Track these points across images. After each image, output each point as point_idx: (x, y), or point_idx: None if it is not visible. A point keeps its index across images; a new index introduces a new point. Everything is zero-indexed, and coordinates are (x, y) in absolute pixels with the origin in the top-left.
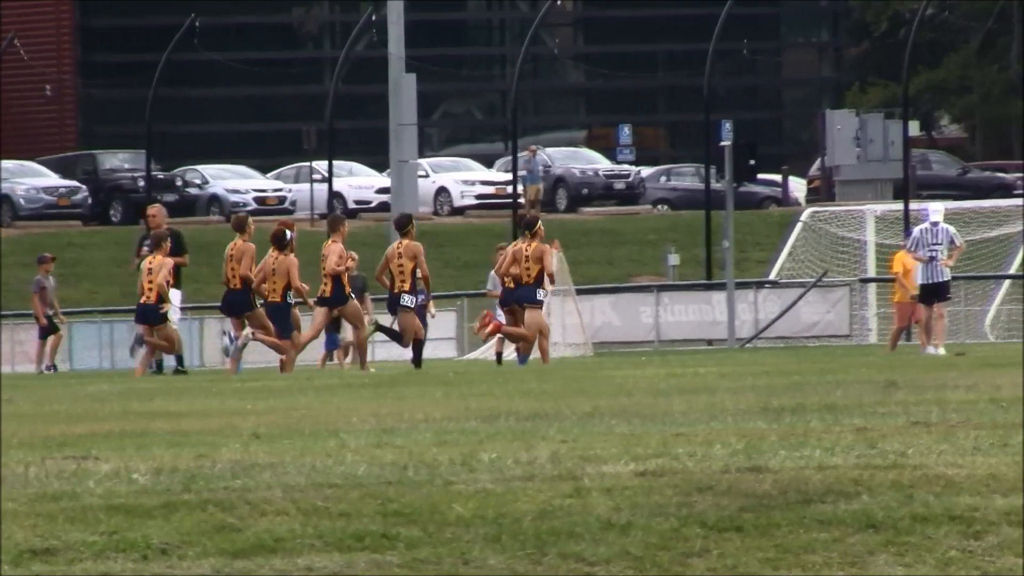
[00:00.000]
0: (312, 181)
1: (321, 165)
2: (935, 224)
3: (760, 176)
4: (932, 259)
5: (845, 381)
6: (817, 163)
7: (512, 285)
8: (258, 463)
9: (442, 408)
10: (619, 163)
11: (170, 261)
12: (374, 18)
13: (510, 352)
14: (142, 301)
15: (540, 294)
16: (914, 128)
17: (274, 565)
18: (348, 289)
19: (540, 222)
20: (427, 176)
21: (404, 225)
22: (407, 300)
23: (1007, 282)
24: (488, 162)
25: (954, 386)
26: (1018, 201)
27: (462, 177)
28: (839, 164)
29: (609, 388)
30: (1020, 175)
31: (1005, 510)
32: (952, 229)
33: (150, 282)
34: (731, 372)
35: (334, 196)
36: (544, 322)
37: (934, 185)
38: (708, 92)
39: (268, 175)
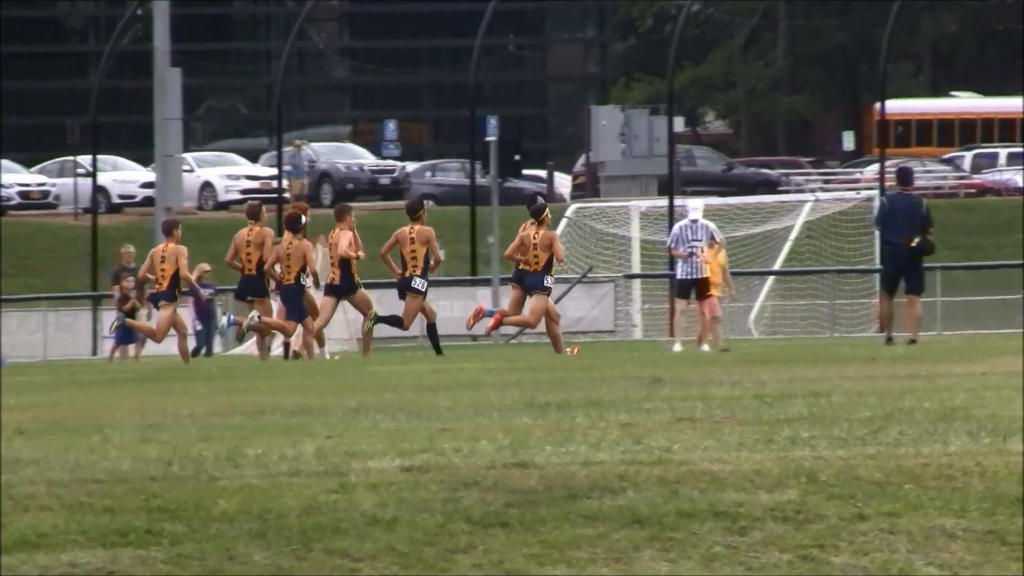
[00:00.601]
0: (76, 175)
1: (85, 159)
2: (694, 221)
3: (525, 172)
4: (691, 255)
5: (610, 377)
6: (582, 159)
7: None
8: (21, 459)
9: (207, 404)
10: (384, 158)
11: (182, 248)
12: (139, 12)
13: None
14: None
15: (548, 280)
16: (679, 124)
17: (37, 561)
18: (357, 277)
19: (548, 210)
20: (192, 171)
21: (416, 210)
22: (418, 284)
23: (771, 278)
24: (253, 157)
25: (719, 382)
26: (782, 197)
27: (227, 172)
28: (604, 160)
29: (374, 384)
30: (784, 171)
31: (770, 506)
32: (712, 225)
33: (163, 270)
34: (496, 368)
35: (99, 190)
36: (553, 308)
37: (699, 181)
38: (474, 87)
39: (32, 169)
